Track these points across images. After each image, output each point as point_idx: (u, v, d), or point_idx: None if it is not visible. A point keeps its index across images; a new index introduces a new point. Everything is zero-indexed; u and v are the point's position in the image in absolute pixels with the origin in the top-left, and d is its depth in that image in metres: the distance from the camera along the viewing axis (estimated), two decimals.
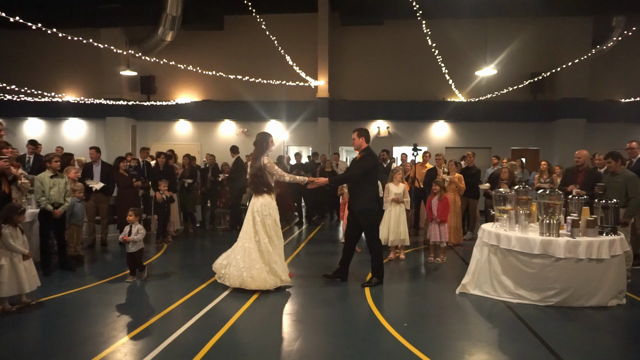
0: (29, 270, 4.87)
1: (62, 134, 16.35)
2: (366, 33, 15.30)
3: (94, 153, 8.58)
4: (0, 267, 4.66)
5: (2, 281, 4.64)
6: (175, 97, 15.81)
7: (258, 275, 5.42)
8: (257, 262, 5.47)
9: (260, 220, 5.59)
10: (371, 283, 5.82)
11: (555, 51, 13.87)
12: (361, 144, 5.83)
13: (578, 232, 5.09)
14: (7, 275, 4.67)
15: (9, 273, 4.68)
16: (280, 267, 5.61)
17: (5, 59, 15.79)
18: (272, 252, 5.57)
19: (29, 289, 4.84)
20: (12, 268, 4.71)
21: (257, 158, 5.73)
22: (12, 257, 4.73)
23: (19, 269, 4.75)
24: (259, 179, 5.68)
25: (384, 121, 15.48)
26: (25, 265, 4.82)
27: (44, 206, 6.28)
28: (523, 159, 13.11)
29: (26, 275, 4.80)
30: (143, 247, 6.04)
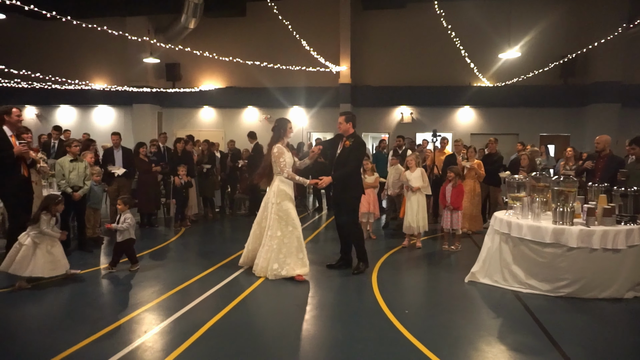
0: (59, 255, 5.10)
1: (92, 120, 16.88)
2: (388, 17, 15.00)
3: (116, 138, 8.82)
4: (22, 246, 4.90)
5: (20, 260, 4.86)
6: (200, 84, 16.01)
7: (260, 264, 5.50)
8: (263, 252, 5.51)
9: (272, 210, 5.47)
10: (360, 269, 5.70)
11: (587, 32, 13.19)
12: (348, 129, 5.68)
13: (593, 220, 4.88)
14: (22, 256, 4.88)
15: (40, 257, 4.93)
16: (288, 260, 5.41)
17: (37, 49, 16.36)
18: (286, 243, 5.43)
19: (43, 274, 5.02)
20: (44, 252, 4.96)
21: (272, 144, 5.64)
22: (45, 242, 4.99)
23: (44, 253, 4.98)
24: (269, 166, 5.62)
25: (408, 107, 15.23)
26: (55, 251, 5.07)
27: (63, 189, 6.54)
28: (550, 146, 12.66)
29: (54, 260, 5.04)
30: (132, 238, 5.69)
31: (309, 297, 4.86)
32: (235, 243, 7.46)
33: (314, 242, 7.77)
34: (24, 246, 4.91)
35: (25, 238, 4.97)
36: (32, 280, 5.06)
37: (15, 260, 4.86)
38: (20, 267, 4.86)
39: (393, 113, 15.47)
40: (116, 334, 3.81)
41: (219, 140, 14.54)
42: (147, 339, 3.70)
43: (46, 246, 5.02)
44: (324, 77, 14.43)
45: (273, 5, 10.91)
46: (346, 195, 5.65)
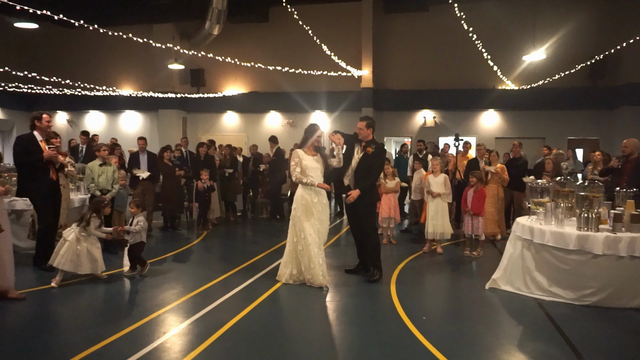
0: (97, 255, 5.34)
1: (119, 125, 17.33)
2: (411, 20, 14.91)
3: (142, 143, 9.05)
4: (66, 241, 5.16)
5: (64, 254, 5.12)
6: (223, 89, 16.25)
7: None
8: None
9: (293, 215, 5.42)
10: (376, 277, 5.55)
11: (617, 31, 12.75)
12: (368, 134, 5.56)
13: (621, 227, 4.72)
14: (71, 253, 5.14)
15: (83, 253, 5.19)
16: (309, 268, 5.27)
17: (67, 56, 16.91)
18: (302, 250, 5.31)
19: (92, 271, 5.32)
20: (85, 250, 5.21)
21: (294, 149, 5.67)
22: (88, 241, 5.25)
23: (87, 252, 5.24)
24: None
25: (430, 111, 15.08)
26: (95, 251, 5.30)
27: (92, 192, 6.79)
28: (578, 150, 12.31)
29: (92, 258, 5.29)
30: (143, 241, 5.70)
31: (327, 302, 4.86)
32: (256, 246, 7.53)
33: (334, 246, 7.76)
34: (68, 242, 5.17)
35: (70, 234, 5.21)
36: (70, 277, 5.30)
37: (60, 254, 5.12)
38: (64, 261, 5.11)
39: (415, 117, 15.34)
40: (136, 334, 3.89)
41: (242, 144, 14.71)
42: (166, 340, 3.77)
43: (88, 245, 5.27)
44: (346, 81, 14.44)
45: (293, 11, 11.00)
46: (363, 202, 5.51)
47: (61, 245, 5.18)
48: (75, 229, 5.24)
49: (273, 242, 7.72)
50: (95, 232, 5.35)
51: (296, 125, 16.08)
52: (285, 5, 10.75)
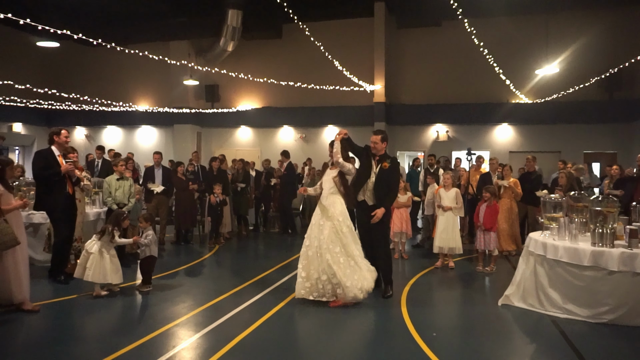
0: (119, 265, 5.51)
1: (135, 140, 17.62)
2: (423, 35, 14.99)
3: (158, 157, 9.22)
4: (90, 254, 5.29)
5: (77, 264, 5.32)
6: (237, 104, 16.45)
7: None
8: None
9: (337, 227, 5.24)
10: (390, 293, 5.49)
11: (632, 44, 12.60)
12: (382, 149, 5.54)
13: (637, 242, 4.62)
14: (98, 265, 5.30)
15: (107, 264, 5.36)
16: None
17: (86, 73, 17.34)
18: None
19: (117, 280, 5.47)
20: (108, 261, 5.37)
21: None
22: (110, 252, 5.43)
23: (110, 262, 5.41)
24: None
25: (443, 125, 15.04)
26: (116, 261, 5.48)
27: (110, 205, 6.93)
28: (595, 164, 12.13)
29: (116, 269, 5.46)
30: (153, 255, 5.72)
31: (337, 316, 4.83)
32: (268, 261, 7.55)
33: None
34: (92, 254, 5.30)
35: (92, 246, 5.34)
36: (84, 289, 5.44)
37: (87, 267, 5.26)
38: (92, 274, 5.25)
39: (428, 131, 15.31)
40: (145, 347, 3.91)
41: (256, 159, 14.82)
42: (176, 353, 3.79)
43: (110, 256, 5.42)
44: (359, 95, 14.51)
45: (305, 28, 11.17)
46: (385, 217, 5.41)
47: (85, 259, 5.31)
48: (97, 242, 5.37)
49: (284, 257, 7.73)
50: (120, 240, 5.57)
51: (309, 139, 16.18)
52: (298, 22, 10.93)
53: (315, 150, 15.60)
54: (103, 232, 5.45)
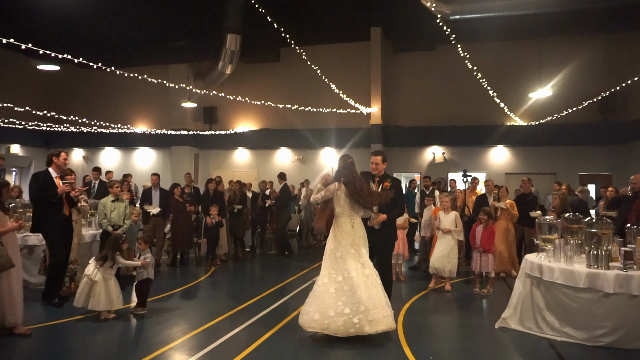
0: (119, 289, 5.49)
1: (133, 162, 17.67)
2: (419, 59, 15.25)
3: (155, 179, 9.23)
4: (93, 282, 5.25)
5: (79, 292, 5.26)
6: (235, 126, 16.58)
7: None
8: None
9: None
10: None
11: (625, 68, 12.86)
12: (383, 169, 5.53)
13: (632, 265, 4.63)
14: (104, 292, 5.29)
15: (112, 289, 5.35)
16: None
17: (86, 96, 17.51)
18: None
19: (121, 304, 5.45)
20: (112, 287, 5.37)
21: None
22: (112, 278, 5.41)
23: (115, 287, 5.41)
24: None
25: (439, 147, 15.16)
26: (117, 286, 5.46)
27: (105, 227, 6.89)
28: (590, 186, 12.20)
29: (118, 293, 5.45)
30: (150, 278, 5.69)
31: (333, 340, 4.78)
32: (264, 283, 7.51)
33: None
34: (96, 282, 5.26)
35: (95, 274, 5.29)
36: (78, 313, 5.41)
37: (92, 296, 5.22)
38: (97, 303, 5.23)
39: (425, 153, 15.43)
40: None
41: (253, 180, 14.87)
42: None
43: (114, 281, 5.43)
44: (355, 118, 14.66)
45: (302, 52, 11.38)
46: (385, 237, 5.31)
47: (89, 287, 5.25)
48: (100, 269, 5.33)
49: (281, 279, 7.69)
50: (126, 262, 5.57)
51: (306, 161, 16.26)
52: (295, 46, 11.13)
53: (313, 172, 15.66)
54: (104, 258, 5.40)
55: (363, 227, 5.01)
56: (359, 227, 4.96)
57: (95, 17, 13.10)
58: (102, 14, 13.00)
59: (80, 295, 5.25)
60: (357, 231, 4.93)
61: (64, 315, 5.42)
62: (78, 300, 5.25)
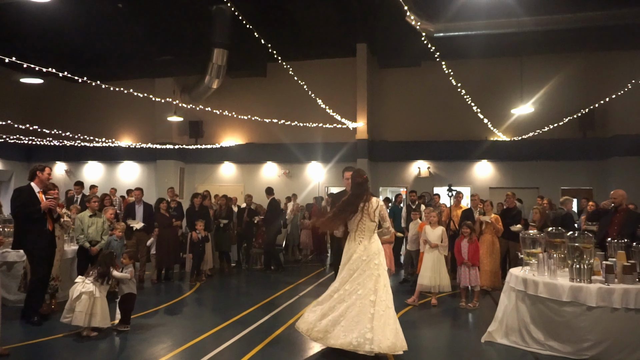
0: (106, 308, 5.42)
1: (117, 176, 17.46)
2: (404, 75, 15.48)
3: (139, 194, 9.11)
4: (95, 298, 5.22)
5: (80, 311, 5.15)
6: (221, 140, 16.54)
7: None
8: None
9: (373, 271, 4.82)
10: None
11: (604, 86, 13.23)
12: None
13: (613, 278, 4.72)
14: (104, 308, 5.31)
15: (106, 305, 5.36)
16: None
17: (70, 109, 17.31)
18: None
19: (103, 323, 5.35)
20: (106, 302, 5.36)
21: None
22: (104, 296, 5.38)
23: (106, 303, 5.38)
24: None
25: (425, 161, 15.32)
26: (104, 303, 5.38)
27: (81, 243, 6.76)
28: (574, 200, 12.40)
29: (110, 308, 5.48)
30: (133, 293, 5.66)
31: (320, 356, 4.75)
32: (250, 298, 7.42)
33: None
34: (97, 298, 5.25)
35: (95, 290, 5.26)
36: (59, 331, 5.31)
37: (93, 313, 5.19)
38: (100, 320, 5.24)
39: (410, 167, 15.57)
40: None
41: (239, 194, 14.80)
42: None
43: (105, 298, 5.40)
44: (341, 132, 14.76)
45: (289, 68, 11.47)
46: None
47: (89, 305, 5.18)
48: (100, 286, 5.32)
49: (267, 294, 7.62)
50: (120, 274, 5.53)
51: (292, 175, 16.27)
52: (282, 62, 11.21)
53: (299, 186, 15.67)
54: (104, 275, 5.37)
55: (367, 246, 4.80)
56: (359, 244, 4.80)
57: (80, 31, 13.03)
58: (87, 27, 12.94)
59: (79, 314, 5.13)
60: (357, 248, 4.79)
61: (44, 334, 5.28)
62: (78, 319, 5.12)
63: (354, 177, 4.98)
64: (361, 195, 4.86)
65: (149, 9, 12.76)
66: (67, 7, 11.12)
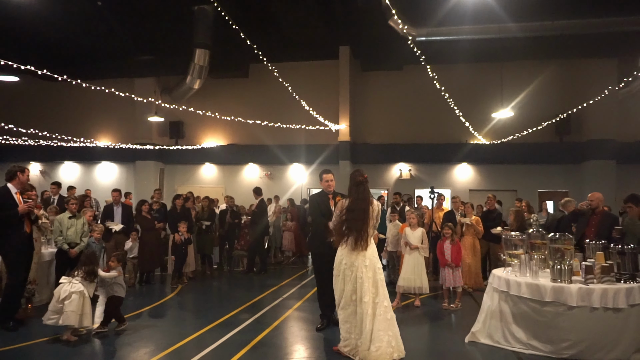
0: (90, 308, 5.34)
1: (95, 177, 17.12)
2: (386, 78, 15.62)
3: (117, 195, 8.92)
4: (85, 298, 5.17)
5: (72, 310, 5.05)
6: (202, 141, 16.39)
7: None
8: None
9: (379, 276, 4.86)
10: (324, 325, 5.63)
11: (579, 92, 13.64)
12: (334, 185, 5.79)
13: (592, 278, 4.84)
14: (90, 307, 5.24)
15: (87, 306, 5.22)
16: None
17: (47, 109, 16.93)
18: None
19: (90, 323, 5.32)
20: (84, 303, 5.21)
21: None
22: (87, 294, 5.26)
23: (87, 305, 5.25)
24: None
25: (406, 164, 15.47)
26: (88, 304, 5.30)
27: (60, 245, 6.59)
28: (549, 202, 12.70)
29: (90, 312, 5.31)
30: (117, 295, 5.59)
31: (305, 359, 4.73)
32: (233, 301, 7.35)
33: (312, 300, 7.63)
34: (86, 298, 5.19)
35: (84, 289, 5.20)
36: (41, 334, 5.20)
37: (84, 313, 5.12)
38: (89, 318, 5.20)
39: (392, 170, 15.70)
40: None
41: (219, 196, 14.66)
42: None
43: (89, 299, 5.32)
44: (324, 135, 14.79)
45: (273, 69, 11.44)
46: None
47: (81, 303, 5.11)
48: (87, 284, 5.25)
49: (250, 297, 7.56)
50: (106, 274, 5.49)
51: (274, 177, 16.21)
52: (267, 63, 11.17)
53: (281, 188, 15.63)
54: (92, 272, 5.32)
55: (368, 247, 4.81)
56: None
57: (58, 29, 12.75)
58: (65, 25, 12.67)
59: (73, 314, 5.04)
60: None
61: (20, 340, 5.12)
62: (71, 319, 5.03)
63: (354, 176, 4.89)
64: (367, 198, 4.79)
65: (129, 8, 12.56)
66: (45, 4, 10.86)
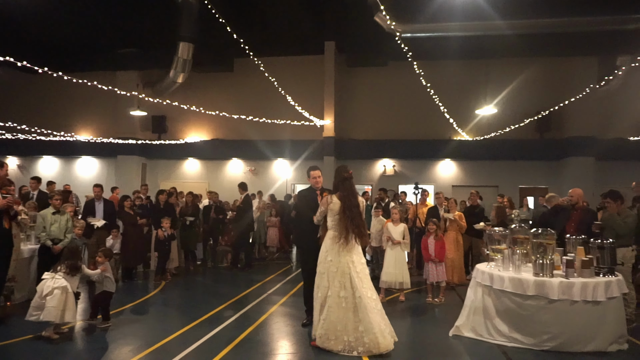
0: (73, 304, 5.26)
1: (75, 171, 16.80)
2: (371, 74, 15.65)
3: (98, 190, 8.77)
4: (68, 294, 5.11)
5: (53, 306, 4.96)
6: (185, 136, 16.20)
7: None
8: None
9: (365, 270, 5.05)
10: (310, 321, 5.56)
11: (560, 90, 13.86)
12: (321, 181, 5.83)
13: (573, 272, 4.96)
14: (73, 302, 5.17)
15: (70, 301, 5.14)
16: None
17: (26, 101, 16.53)
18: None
19: (73, 319, 5.25)
20: (67, 298, 5.12)
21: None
22: (70, 289, 5.19)
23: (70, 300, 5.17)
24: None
25: (390, 159, 15.56)
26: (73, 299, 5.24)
27: (43, 241, 6.45)
28: (529, 198, 12.94)
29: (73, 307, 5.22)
30: (107, 290, 5.64)
31: (290, 354, 4.74)
32: (217, 297, 7.31)
33: (297, 295, 7.63)
34: (69, 293, 5.13)
35: (67, 285, 5.14)
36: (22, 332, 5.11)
37: (67, 309, 5.04)
38: (72, 314, 5.13)
39: (376, 165, 15.77)
40: None
41: (203, 191, 14.52)
42: None
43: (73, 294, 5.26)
44: (309, 130, 14.77)
45: (259, 63, 11.35)
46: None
47: (63, 300, 5.03)
48: (70, 279, 5.20)
49: (235, 293, 7.53)
50: (90, 272, 5.50)
51: (258, 172, 16.14)
52: (252, 57, 11.08)
53: (266, 183, 15.57)
54: (75, 267, 5.27)
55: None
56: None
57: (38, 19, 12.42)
58: (45, 15, 12.34)
59: (54, 309, 4.95)
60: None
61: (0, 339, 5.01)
62: (52, 314, 4.94)
63: (340, 171, 5.08)
64: (356, 193, 5.01)
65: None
66: None
